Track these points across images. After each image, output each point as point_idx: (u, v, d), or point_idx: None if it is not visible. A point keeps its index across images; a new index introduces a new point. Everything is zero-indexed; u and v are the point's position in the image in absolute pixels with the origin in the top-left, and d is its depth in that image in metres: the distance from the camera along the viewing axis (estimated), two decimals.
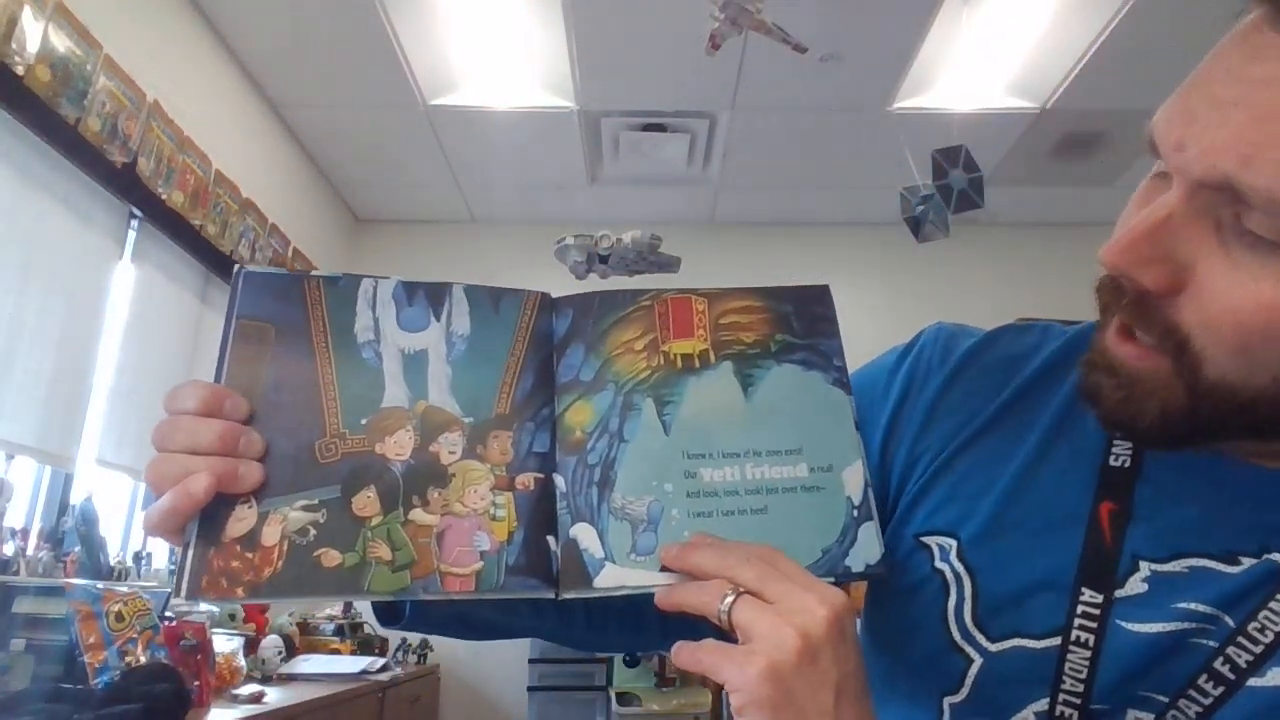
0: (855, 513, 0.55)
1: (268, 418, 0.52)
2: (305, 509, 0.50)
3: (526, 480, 0.54)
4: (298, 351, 0.54)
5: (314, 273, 0.56)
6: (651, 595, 0.67)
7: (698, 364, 0.58)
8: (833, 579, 0.53)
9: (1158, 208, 0.45)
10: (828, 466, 0.56)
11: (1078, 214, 4.31)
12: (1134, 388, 0.48)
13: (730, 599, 0.47)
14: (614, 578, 0.52)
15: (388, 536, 0.51)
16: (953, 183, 2.57)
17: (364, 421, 0.53)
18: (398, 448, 0.53)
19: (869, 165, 3.82)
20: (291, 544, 0.49)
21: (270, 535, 0.49)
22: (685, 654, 0.48)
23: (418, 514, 0.52)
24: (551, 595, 0.52)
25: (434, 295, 0.57)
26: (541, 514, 0.54)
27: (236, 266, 0.56)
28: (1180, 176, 0.45)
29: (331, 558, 0.50)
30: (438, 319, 0.57)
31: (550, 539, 0.53)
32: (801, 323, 0.60)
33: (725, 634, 0.47)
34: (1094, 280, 0.52)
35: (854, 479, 0.56)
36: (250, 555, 0.49)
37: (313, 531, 0.50)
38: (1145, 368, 0.48)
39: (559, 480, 0.55)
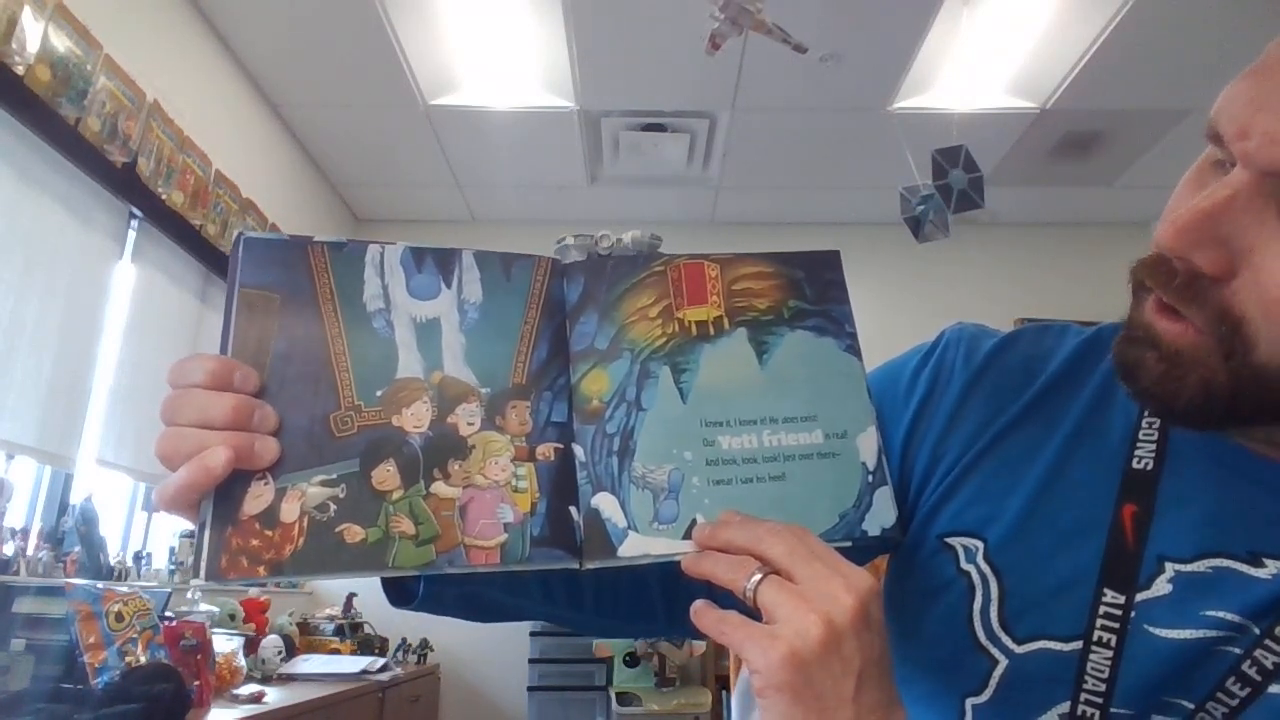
0: (870, 478, 0.56)
1: (278, 390, 0.50)
2: (324, 484, 0.49)
3: (547, 450, 0.54)
4: (306, 321, 0.52)
5: (318, 238, 0.54)
6: (659, 577, 0.68)
7: (712, 331, 0.58)
8: (850, 543, 0.54)
9: (1219, 189, 0.45)
10: (842, 433, 0.57)
11: (1078, 214, 4.32)
12: (1174, 362, 0.48)
13: (757, 578, 0.47)
14: (638, 546, 0.52)
15: (410, 510, 0.50)
16: (953, 183, 2.57)
17: (379, 393, 0.52)
18: (415, 420, 0.52)
19: (869, 165, 3.82)
20: (312, 520, 0.48)
21: (289, 512, 0.48)
22: (709, 620, 0.48)
23: (439, 487, 0.51)
24: (576, 565, 0.52)
25: (443, 262, 0.56)
26: (563, 484, 0.53)
27: (237, 232, 0.54)
28: (1244, 163, 0.44)
29: (354, 533, 0.49)
30: (448, 286, 0.55)
31: (572, 509, 0.53)
32: (813, 288, 0.60)
33: (747, 608, 0.47)
34: (1133, 264, 0.51)
35: (868, 445, 0.57)
36: (270, 533, 0.47)
37: (333, 507, 0.49)
38: (1186, 343, 0.47)
39: (578, 450, 0.55)
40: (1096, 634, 0.51)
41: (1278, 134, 0.42)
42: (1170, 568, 0.51)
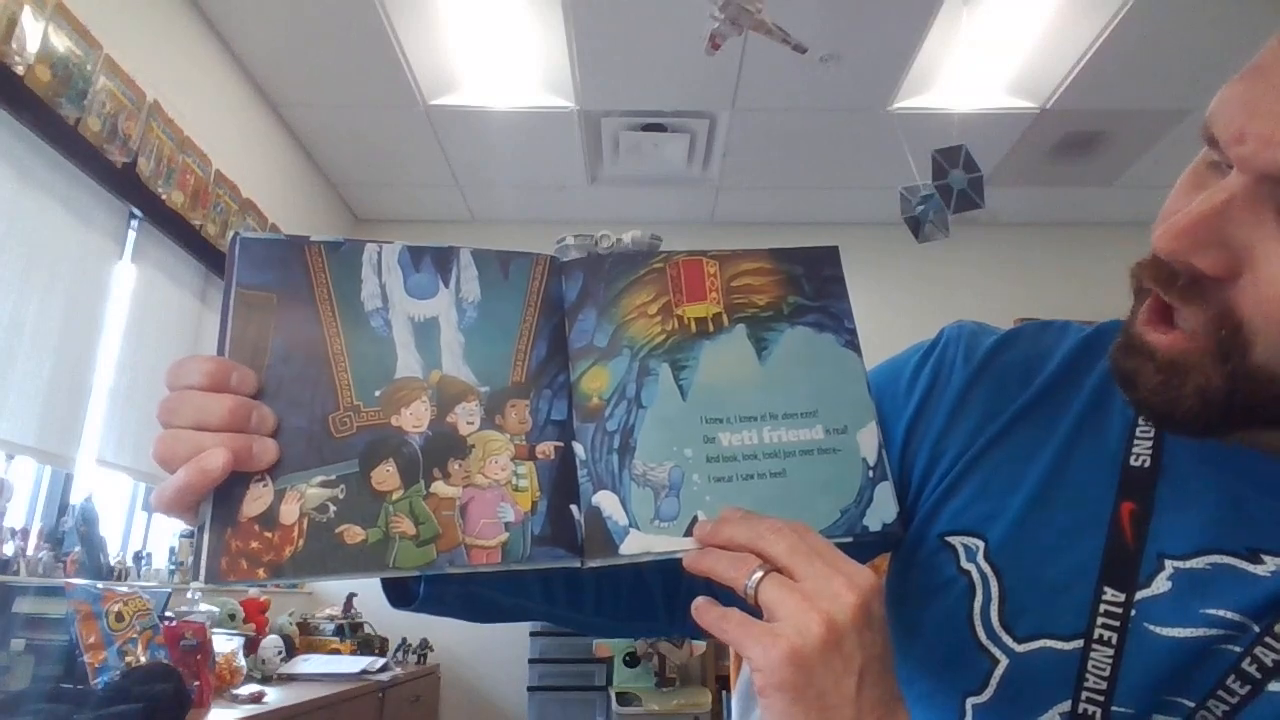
0: (871, 473, 0.56)
1: (276, 391, 0.50)
2: (323, 485, 0.49)
3: (547, 449, 0.54)
4: (303, 321, 0.52)
5: (314, 237, 0.54)
6: (659, 575, 0.68)
7: (711, 327, 0.58)
8: (851, 539, 0.54)
9: (1217, 192, 0.45)
10: (842, 428, 0.57)
11: (1078, 214, 4.32)
12: (1170, 372, 0.48)
13: (758, 575, 0.47)
14: (639, 544, 0.52)
15: (410, 511, 0.50)
16: (953, 183, 2.57)
17: (378, 393, 0.52)
18: (415, 419, 0.52)
19: (869, 165, 3.82)
20: (311, 521, 0.48)
21: (289, 513, 0.48)
22: (710, 617, 0.48)
23: (439, 486, 0.51)
24: (577, 564, 0.52)
25: (441, 260, 0.56)
26: (563, 483, 0.53)
27: (233, 233, 0.54)
28: (1240, 167, 0.44)
29: (354, 534, 0.48)
30: (446, 285, 0.55)
31: (573, 508, 0.53)
32: (812, 284, 0.60)
33: (748, 605, 0.47)
34: (1132, 266, 0.51)
35: (868, 440, 0.57)
36: (270, 534, 0.47)
37: (332, 508, 0.49)
38: (1180, 350, 0.47)
39: (578, 448, 0.54)
40: (1097, 632, 0.51)
41: (1273, 137, 0.42)
42: (1170, 565, 0.51)
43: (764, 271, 0.60)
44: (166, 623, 2.21)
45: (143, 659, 1.99)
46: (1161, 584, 0.51)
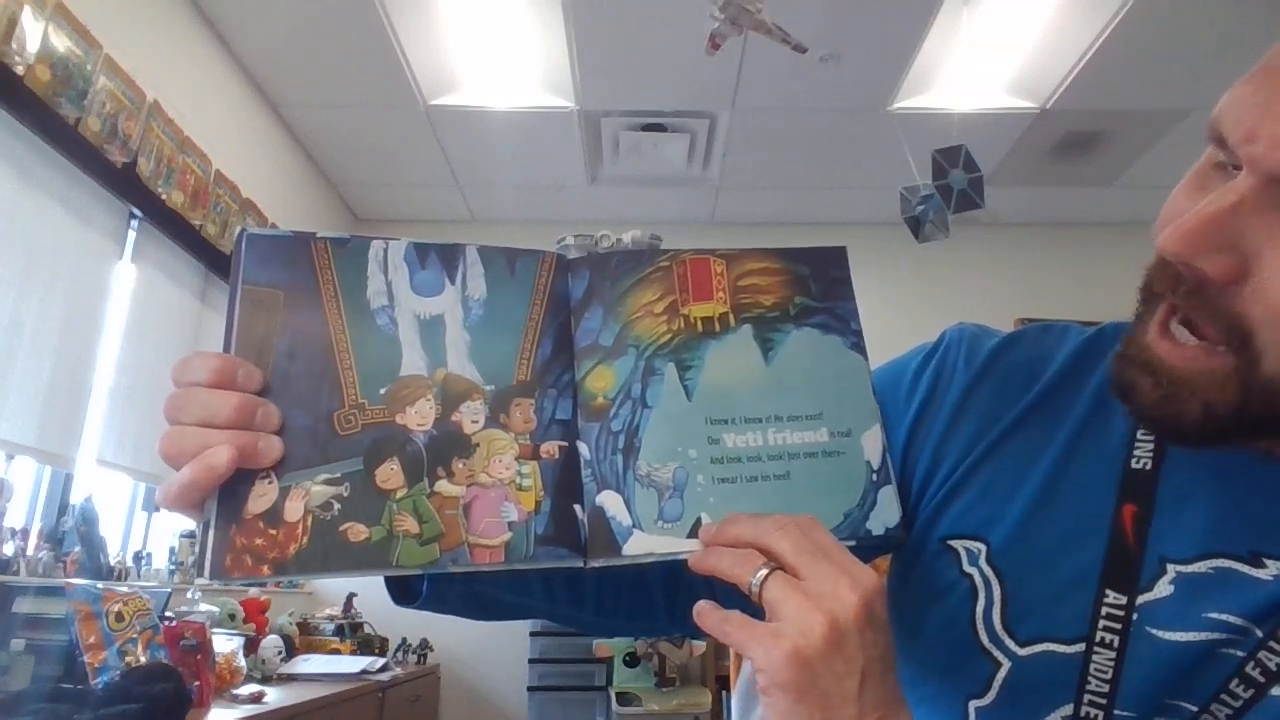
0: (874, 477, 0.56)
1: (282, 388, 0.50)
2: (327, 483, 0.49)
3: (551, 448, 0.54)
4: (309, 318, 0.52)
5: (320, 234, 0.54)
6: (660, 576, 0.68)
7: (718, 327, 0.57)
8: (854, 542, 0.53)
9: (1225, 194, 0.44)
10: (847, 431, 0.56)
11: (1078, 214, 4.32)
12: (1175, 387, 0.47)
13: (763, 574, 0.46)
14: (642, 545, 0.52)
15: (414, 509, 0.50)
16: (953, 183, 2.57)
17: (383, 391, 0.52)
18: (419, 418, 0.52)
19: (869, 165, 3.82)
20: (315, 519, 0.48)
21: (293, 510, 0.48)
22: (711, 620, 0.48)
23: (443, 485, 0.51)
24: (580, 564, 0.52)
25: (447, 257, 0.55)
26: (567, 482, 0.53)
27: (239, 228, 0.54)
28: (1250, 168, 0.44)
29: (358, 532, 0.48)
30: (452, 282, 0.55)
31: (576, 508, 0.53)
32: (819, 285, 0.60)
33: (750, 606, 0.47)
34: (1142, 275, 0.50)
35: (872, 443, 0.57)
36: (274, 531, 0.47)
37: (336, 506, 0.49)
38: (1191, 368, 0.47)
39: (582, 448, 0.54)
40: (1099, 635, 0.51)
41: None
42: (1171, 569, 0.51)
43: (771, 271, 0.59)
44: (166, 623, 2.21)
45: (143, 659, 1.99)
46: (1163, 587, 0.51)
